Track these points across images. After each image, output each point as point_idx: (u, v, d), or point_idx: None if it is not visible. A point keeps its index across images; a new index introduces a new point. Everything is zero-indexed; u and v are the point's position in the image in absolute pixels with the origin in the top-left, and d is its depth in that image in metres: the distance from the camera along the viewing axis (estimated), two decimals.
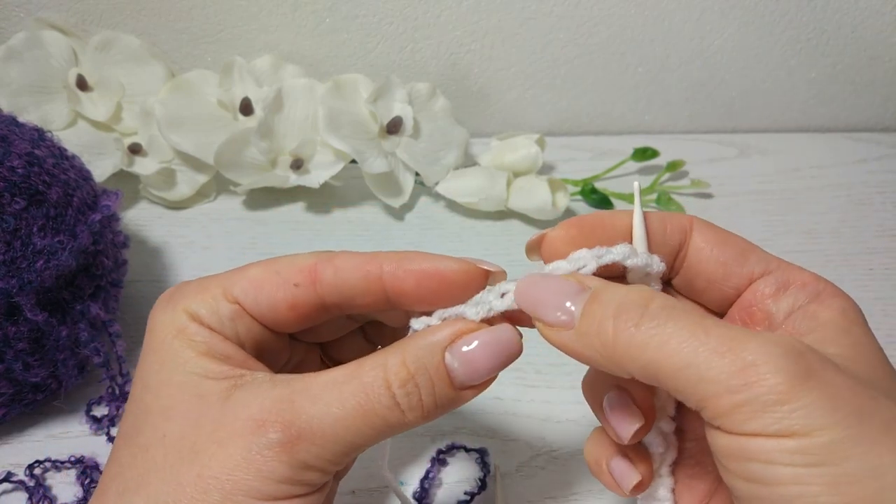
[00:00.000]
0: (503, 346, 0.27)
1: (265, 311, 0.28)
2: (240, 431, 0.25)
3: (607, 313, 0.25)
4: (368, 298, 0.28)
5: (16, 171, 0.39)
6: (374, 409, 0.25)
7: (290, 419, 0.25)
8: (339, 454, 0.25)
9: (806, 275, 0.29)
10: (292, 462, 0.24)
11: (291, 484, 0.25)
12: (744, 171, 0.67)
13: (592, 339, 0.25)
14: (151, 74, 0.59)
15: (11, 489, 0.40)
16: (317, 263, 0.28)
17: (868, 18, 0.66)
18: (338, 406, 0.25)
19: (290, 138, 0.57)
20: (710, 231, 0.30)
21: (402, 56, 0.64)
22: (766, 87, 0.70)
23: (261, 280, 0.28)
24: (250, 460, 0.24)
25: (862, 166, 0.68)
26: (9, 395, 0.40)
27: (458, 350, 0.26)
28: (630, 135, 0.71)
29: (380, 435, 0.26)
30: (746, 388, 0.22)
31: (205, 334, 0.27)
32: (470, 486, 0.41)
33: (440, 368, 0.26)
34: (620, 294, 0.25)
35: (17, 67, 0.55)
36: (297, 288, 0.28)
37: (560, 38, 0.65)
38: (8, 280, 0.37)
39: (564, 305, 0.26)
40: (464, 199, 0.59)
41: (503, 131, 0.65)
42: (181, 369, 0.26)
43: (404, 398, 0.25)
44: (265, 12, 0.61)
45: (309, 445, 0.25)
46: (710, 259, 0.29)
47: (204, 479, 0.24)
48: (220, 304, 0.28)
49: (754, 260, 0.29)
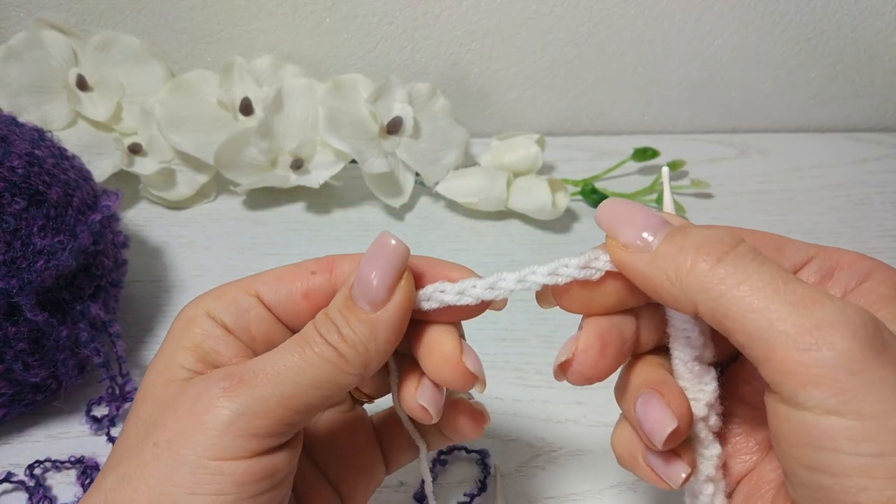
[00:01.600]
0: (378, 248, 0.27)
1: (282, 302, 0.29)
2: (191, 394, 0.25)
3: (690, 244, 0.24)
4: None
5: (16, 171, 0.39)
6: (311, 349, 0.26)
7: (233, 372, 0.25)
8: (288, 395, 0.25)
9: (850, 255, 0.27)
10: (235, 406, 0.24)
11: (238, 435, 0.24)
12: (744, 171, 0.67)
13: (668, 264, 0.24)
14: (151, 74, 0.59)
15: (11, 489, 0.40)
16: (335, 258, 0.29)
17: (868, 18, 0.66)
18: (280, 354, 0.26)
19: (290, 138, 0.57)
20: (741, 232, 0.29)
21: (402, 56, 0.64)
22: (766, 87, 0.70)
23: (283, 272, 0.29)
24: (194, 413, 0.24)
25: (862, 166, 0.68)
26: (9, 395, 0.40)
27: (356, 280, 0.27)
28: (630, 135, 0.71)
29: (326, 374, 0.26)
30: (816, 348, 0.21)
31: (207, 327, 0.28)
32: (470, 487, 0.41)
33: (346, 300, 0.27)
34: (708, 233, 0.25)
35: (17, 67, 0.55)
36: (314, 275, 0.29)
37: (560, 38, 0.65)
38: (8, 280, 0.37)
39: (647, 229, 0.25)
40: (464, 199, 0.59)
41: (503, 131, 0.65)
42: (169, 357, 0.27)
43: (328, 335, 0.26)
44: (265, 12, 0.61)
45: (251, 388, 0.25)
46: None
47: (158, 447, 0.24)
48: (240, 298, 0.29)
49: (790, 251, 0.28)
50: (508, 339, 0.50)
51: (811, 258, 0.28)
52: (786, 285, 0.22)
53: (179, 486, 0.24)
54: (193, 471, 0.24)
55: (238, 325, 0.28)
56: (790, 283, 0.23)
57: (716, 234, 0.24)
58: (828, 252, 0.28)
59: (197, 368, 0.27)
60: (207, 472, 0.24)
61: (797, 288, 0.22)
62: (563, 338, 0.27)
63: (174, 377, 0.27)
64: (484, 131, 0.68)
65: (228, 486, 0.24)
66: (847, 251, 0.28)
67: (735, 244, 0.24)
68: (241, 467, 0.24)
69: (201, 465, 0.24)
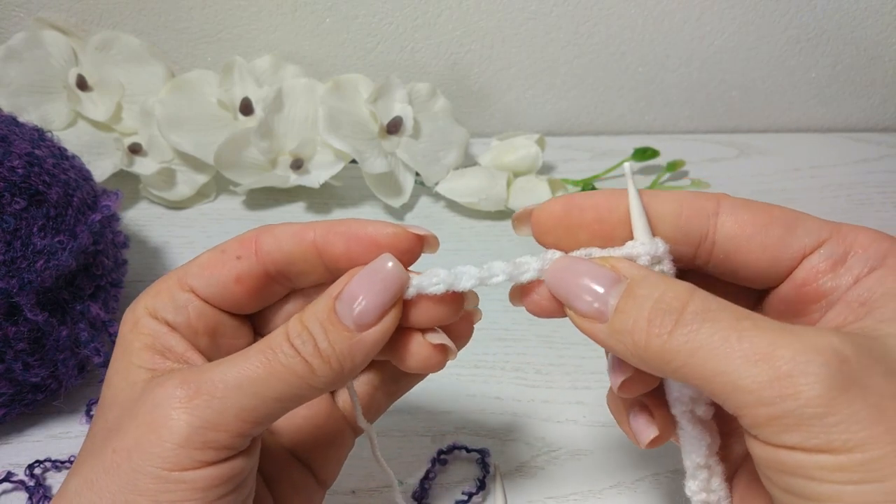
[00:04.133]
0: (380, 273, 0.26)
1: (216, 291, 0.28)
2: (148, 402, 0.25)
3: (641, 314, 0.24)
4: (306, 264, 0.28)
5: (16, 171, 0.39)
6: (277, 360, 0.25)
7: (191, 378, 0.25)
8: (248, 409, 0.24)
9: (866, 235, 0.26)
10: (192, 420, 0.24)
11: (195, 448, 0.24)
12: (744, 171, 0.67)
13: (625, 338, 0.24)
14: (151, 74, 0.59)
15: (11, 489, 0.40)
16: (257, 235, 0.29)
17: (868, 18, 0.66)
18: (242, 362, 0.25)
19: (290, 138, 0.57)
20: (743, 211, 0.26)
21: (402, 56, 0.64)
22: (766, 87, 0.70)
23: (209, 261, 0.29)
24: (151, 424, 0.24)
25: (862, 166, 0.68)
26: (9, 395, 0.40)
27: (345, 294, 0.26)
28: (630, 135, 0.71)
29: (292, 388, 0.25)
30: (781, 401, 0.21)
31: (153, 327, 0.27)
32: (469, 486, 0.41)
33: (329, 314, 0.26)
34: (657, 292, 0.24)
35: (17, 67, 0.55)
36: (240, 260, 0.28)
37: (560, 38, 0.65)
38: (8, 280, 0.37)
39: (598, 295, 0.25)
40: (464, 199, 0.59)
41: (503, 131, 0.65)
42: (125, 362, 0.27)
43: (301, 346, 0.25)
44: (265, 12, 0.61)
45: (208, 399, 0.24)
46: (750, 247, 0.26)
47: (117, 453, 0.24)
48: (176, 295, 0.28)
49: (802, 232, 0.26)
50: (508, 339, 0.50)
51: (824, 241, 0.26)
52: (740, 341, 0.22)
53: (143, 494, 0.24)
54: (154, 481, 0.24)
55: (179, 322, 0.28)
56: (744, 338, 0.22)
57: (664, 298, 0.24)
58: (843, 232, 0.26)
59: (154, 365, 0.27)
60: (168, 482, 0.24)
61: (753, 339, 0.22)
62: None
63: (134, 379, 0.26)
64: (484, 131, 0.68)
65: (191, 493, 0.24)
66: (864, 229, 0.26)
67: (684, 305, 0.23)
68: (201, 475, 0.24)
69: (161, 476, 0.24)
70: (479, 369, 0.48)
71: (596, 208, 0.27)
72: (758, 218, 0.26)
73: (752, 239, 0.26)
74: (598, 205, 0.27)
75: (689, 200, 0.27)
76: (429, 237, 0.28)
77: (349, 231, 0.28)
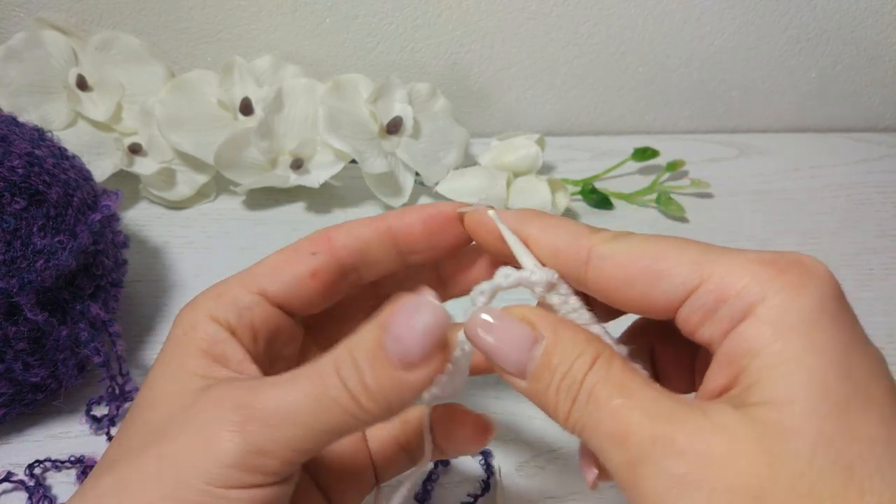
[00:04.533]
0: (420, 311, 0.24)
1: (289, 289, 0.28)
2: (201, 415, 0.25)
3: (552, 388, 0.25)
4: (381, 253, 0.29)
5: (16, 171, 0.39)
6: (326, 391, 0.24)
7: (246, 402, 0.24)
8: (298, 439, 0.24)
9: (740, 276, 0.23)
10: (245, 444, 0.24)
11: (244, 470, 0.24)
12: (744, 171, 0.67)
13: (539, 400, 0.26)
14: (151, 74, 0.59)
15: (11, 489, 0.40)
16: (328, 231, 0.29)
17: (868, 18, 0.66)
18: (292, 389, 0.25)
19: (290, 138, 0.57)
20: (608, 264, 0.26)
21: (402, 56, 0.64)
22: (766, 87, 0.70)
23: (280, 261, 0.29)
24: (204, 441, 0.24)
25: (862, 166, 0.68)
26: (9, 395, 0.40)
27: (392, 325, 0.24)
28: (630, 135, 0.71)
29: (339, 421, 0.24)
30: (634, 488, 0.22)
31: (212, 332, 0.27)
32: (472, 486, 0.41)
33: (375, 347, 0.24)
34: (566, 364, 0.25)
35: (17, 67, 0.55)
36: (316, 256, 0.28)
37: (560, 38, 0.65)
38: (8, 280, 0.37)
39: (517, 358, 0.25)
40: (464, 198, 0.58)
41: (503, 131, 0.65)
42: (176, 364, 0.27)
43: (349, 379, 0.24)
44: (265, 12, 0.61)
45: (262, 426, 0.24)
46: (619, 299, 0.26)
47: (162, 460, 0.24)
48: (240, 297, 0.28)
49: (667, 284, 0.24)
50: None
51: (692, 290, 0.24)
52: (624, 442, 0.23)
53: (184, 503, 0.24)
54: (197, 494, 0.24)
55: (241, 325, 0.28)
56: (615, 418, 0.23)
57: (571, 371, 0.24)
58: (714, 276, 0.24)
59: (209, 372, 0.26)
60: (213, 496, 0.24)
61: (634, 436, 0.22)
62: None
63: (187, 385, 0.26)
64: (484, 131, 0.68)
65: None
66: (742, 265, 0.23)
67: (581, 381, 0.24)
68: (245, 495, 0.24)
69: (205, 490, 0.24)
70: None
71: None
72: (622, 271, 0.25)
73: (618, 292, 0.26)
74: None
75: (567, 242, 0.27)
76: (479, 208, 0.29)
77: (424, 212, 0.29)
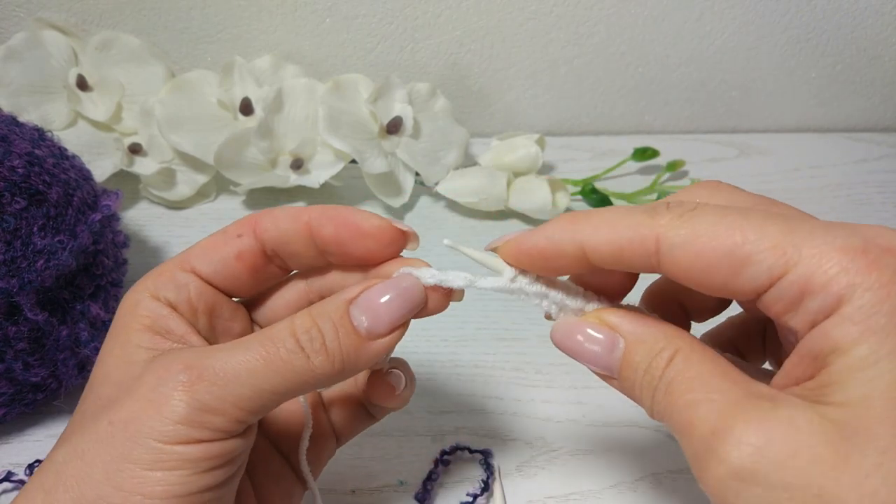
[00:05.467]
0: (403, 290, 0.28)
1: (218, 269, 0.29)
2: (150, 380, 0.26)
3: (636, 384, 0.26)
4: (300, 245, 0.29)
5: (16, 170, 0.39)
6: (278, 353, 0.26)
7: (195, 363, 0.25)
8: (245, 398, 0.25)
9: (829, 266, 0.22)
10: (192, 402, 0.25)
11: (192, 426, 0.25)
12: (744, 171, 0.67)
13: (630, 396, 0.26)
14: (151, 74, 0.59)
15: (11, 489, 0.40)
16: (257, 215, 0.30)
17: (868, 18, 0.66)
18: (242, 352, 0.26)
19: (290, 138, 0.57)
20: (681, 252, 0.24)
21: (402, 56, 0.64)
22: (766, 87, 0.70)
23: (211, 242, 0.30)
24: (152, 401, 0.25)
25: (862, 166, 0.68)
26: (9, 395, 0.40)
27: (362, 300, 0.27)
28: (630, 135, 0.71)
29: (288, 382, 0.26)
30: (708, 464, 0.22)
31: (153, 308, 0.28)
32: (472, 486, 0.41)
33: (343, 316, 0.27)
34: (647, 360, 0.25)
35: (17, 67, 0.55)
36: (241, 238, 0.30)
37: (560, 38, 0.65)
38: (8, 280, 0.37)
39: (603, 361, 0.27)
40: (464, 199, 0.59)
41: (503, 131, 0.65)
42: (122, 341, 0.28)
43: (308, 342, 0.26)
44: (265, 12, 0.61)
45: (209, 385, 0.25)
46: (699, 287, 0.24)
47: (113, 425, 0.25)
48: (177, 275, 0.29)
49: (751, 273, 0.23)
50: (508, 338, 0.50)
51: (776, 278, 0.22)
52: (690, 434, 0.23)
53: (136, 462, 0.24)
54: (149, 451, 0.24)
55: (179, 301, 0.29)
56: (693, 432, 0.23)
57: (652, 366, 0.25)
58: (805, 258, 0.22)
59: (154, 345, 0.27)
60: (163, 453, 0.24)
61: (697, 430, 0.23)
62: None
63: (134, 359, 0.27)
64: (484, 131, 0.68)
65: (181, 464, 0.25)
66: (831, 254, 0.22)
67: (661, 374, 0.25)
68: (194, 449, 0.25)
69: (156, 447, 0.24)
70: (479, 369, 0.48)
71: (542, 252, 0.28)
72: (700, 260, 0.23)
73: (699, 281, 0.24)
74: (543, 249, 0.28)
75: (628, 237, 0.25)
76: (411, 234, 0.30)
77: (339, 216, 0.29)
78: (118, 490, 0.24)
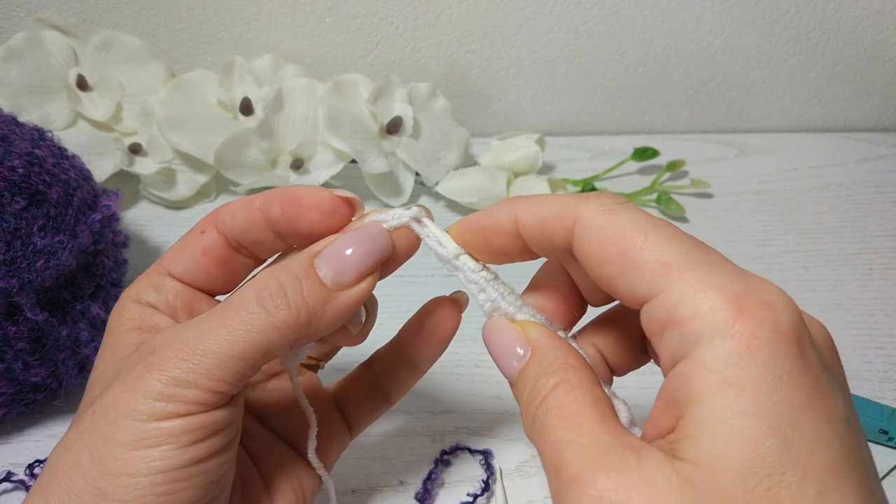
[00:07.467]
0: (368, 237, 0.28)
1: (187, 267, 0.30)
2: (125, 367, 0.26)
3: (522, 397, 0.26)
4: (258, 232, 0.30)
5: (16, 170, 0.39)
6: (240, 315, 0.26)
7: (164, 342, 0.26)
8: (213, 367, 0.25)
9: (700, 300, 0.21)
10: (164, 378, 0.25)
11: (168, 401, 0.25)
12: (744, 171, 0.67)
13: (519, 404, 0.27)
14: (151, 74, 0.59)
15: (11, 489, 0.40)
16: (217, 209, 0.30)
17: (868, 18, 0.66)
18: (206, 322, 0.26)
19: (290, 138, 0.57)
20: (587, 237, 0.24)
21: (402, 56, 0.64)
22: (766, 87, 0.70)
23: (180, 243, 0.31)
24: (128, 384, 0.25)
25: (862, 166, 0.68)
26: (9, 395, 0.40)
27: (326, 252, 0.27)
28: (630, 135, 0.71)
29: (253, 343, 0.26)
30: None
31: (137, 310, 0.30)
32: (472, 486, 0.41)
33: (308, 268, 0.27)
34: (535, 379, 0.26)
35: (17, 67, 0.55)
36: (204, 234, 0.30)
37: (560, 38, 0.65)
38: (8, 280, 0.37)
39: (504, 364, 0.28)
40: (464, 198, 0.59)
41: (503, 131, 0.65)
42: (113, 344, 0.29)
43: (268, 298, 0.26)
44: (265, 12, 0.61)
45: (178, 361, 0.25)
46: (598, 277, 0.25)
47: (95, 413, 0.26)
48: (154, 279, 0.30)
49: (633, 279, 0.23)
50: None
51: (656, 294, 0.22)
52: (556, 474, 0.23)
53: (120, 444, 0.25)
54: (131, 431, 0.25)
55: (159, 302, 0.30)
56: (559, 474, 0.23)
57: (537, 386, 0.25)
58: (678, 285, 0.22)
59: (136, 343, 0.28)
60: (145, 431, 0.25)
61: (563, 472, 0.22)
62: None
63: (123, 356, 0.28)
64: (484, 131, 0.68)
65: (166, 438, 0.25)
66: (709, 290, 0.21)
67: (542, 399, 0.25)
68: (176, 423, 0.25)
69: (137, 426, 0.25)
70: (478, 369, 0.48)
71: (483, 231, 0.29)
72: (599, 249, 0.24)
73: (593, 270, 0.24)
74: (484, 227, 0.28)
75: (553, 212, 0.26)
76: (354, 200, 0.30)
77: (283, 195, 0.29)
78: (105, 474, 0.24)
